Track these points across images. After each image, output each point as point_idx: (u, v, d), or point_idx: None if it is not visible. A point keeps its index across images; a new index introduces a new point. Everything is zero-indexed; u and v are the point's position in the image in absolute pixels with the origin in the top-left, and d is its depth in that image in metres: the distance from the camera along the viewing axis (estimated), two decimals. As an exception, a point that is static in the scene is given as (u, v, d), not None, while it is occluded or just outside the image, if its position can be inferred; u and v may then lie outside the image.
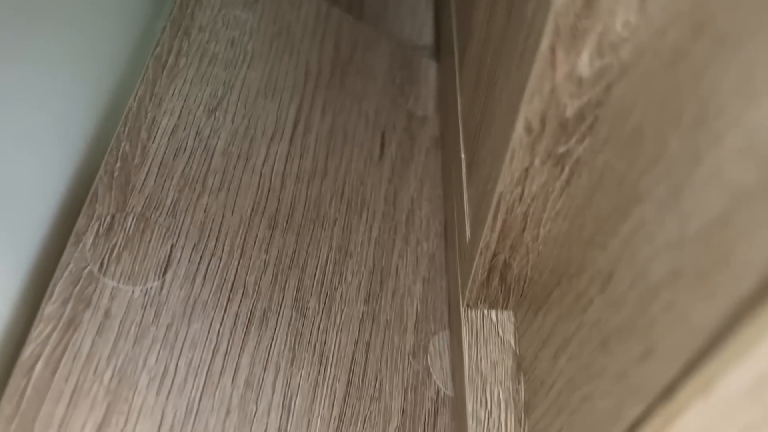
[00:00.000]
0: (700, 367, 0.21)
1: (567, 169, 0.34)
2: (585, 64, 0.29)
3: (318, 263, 0.48)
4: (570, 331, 0.34)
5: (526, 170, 0.35)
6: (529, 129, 0.32)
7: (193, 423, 0.37)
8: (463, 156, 0.49)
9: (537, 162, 0.34)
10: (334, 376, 0.44)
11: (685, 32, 0.24)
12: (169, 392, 0.37)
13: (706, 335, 0.21)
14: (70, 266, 0.38)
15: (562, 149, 0.33)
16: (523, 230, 0.39)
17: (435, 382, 0.46)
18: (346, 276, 0.48)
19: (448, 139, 0.57)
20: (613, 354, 0.28)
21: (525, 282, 0.42)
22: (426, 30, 0.75)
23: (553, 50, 0.29)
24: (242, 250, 0.45)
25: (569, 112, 0.31)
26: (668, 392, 0.23)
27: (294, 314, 0.44)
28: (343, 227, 0.51)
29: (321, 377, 0.43)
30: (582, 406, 0.31)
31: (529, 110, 0.31)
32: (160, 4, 0.55)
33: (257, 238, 0.46)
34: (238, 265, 0.44)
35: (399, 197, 0.56)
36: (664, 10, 0.26)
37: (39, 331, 0.35)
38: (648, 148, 0.26)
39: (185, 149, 0.46)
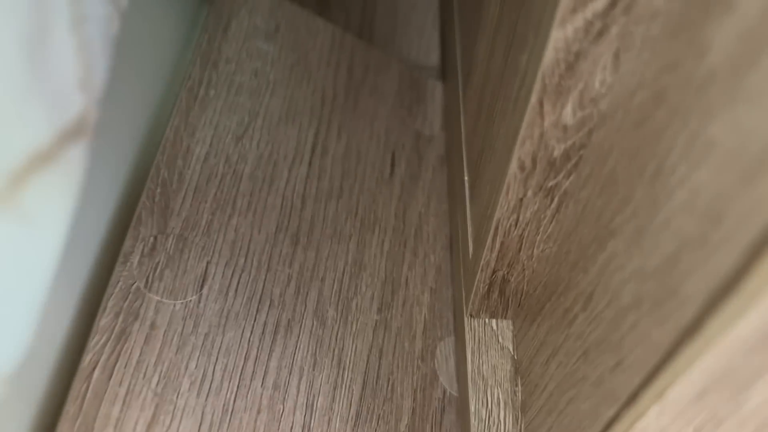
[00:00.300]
0: (657, 377, 0.26)
1: (556, 200, 0.39)
2: (569, 115, 0.34)
3: (336, 276, 0.53)
4: (559, 342, 0.39)
5: (521, 200, 0.40)
6: (522, 167, 0.37)
7: (229, 421, 0.43)
8: (466, 178, 0.54)
9: (530, 193, 0.39)
10: (351, 378, 0.49)
11: (649, 99, 0.28)
12: (207, 394, 0.43)
13: (661, 351, 0.26)
14: (120, 283, 0.43)
15: (551, 183, 0.38)
16: (519, 250, 0.43)
17: (441, 384, 0.51)
18: (360, 287, 0.53)
19: (452, 159, 0.62)
20: (592, 363, 0.33)
21: (522, 295, 0.47)
22: (432, 50, 0.79)
23: (541, 103, 0.34)
24: (268, 265, 0.50)
25: (556, 153, 0.36)
26: (633, 398, 0.28)
27: (315, 323, 0.50)
28: (358, 242, 0.56)
29: (339, 380, 0.48)
30: (568, 407, 0.36)
31: (521, 152, 0.36)
32: (190, 36, 0.60)
33: (281, 254, 0.51)
34: (265, 279, 0.49)
35: (408, 213, 0.60)
36: (633, 75, 0.31)
37: (95, 341, 0.41)
38: (620, 191, 0.31)
39: (217, 174, 0.51)
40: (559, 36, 0.31)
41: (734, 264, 0.21)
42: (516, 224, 0.41)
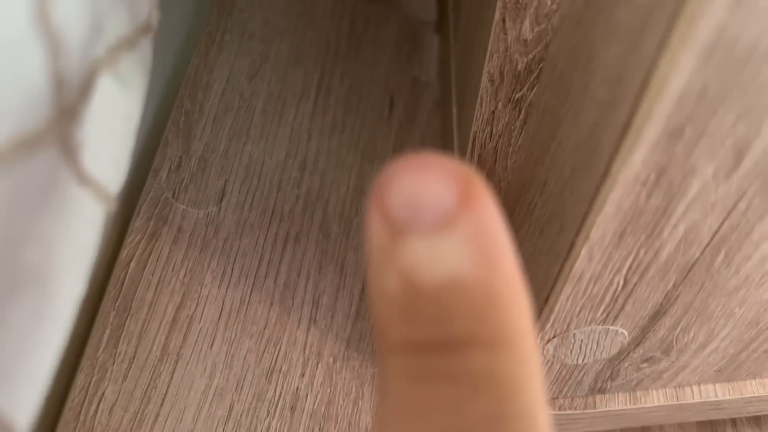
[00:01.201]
0: (583, 224, 0.33)
1: (523, 111, 0.46)
2: (527, 29, 0.40)
3: (338, 198, 0.60)
4: (522, 233, 0.45)
5: (493, 113, 0.46)
6: (491, 80, 0.44)
7: (246, 310, 0.50)
8: (454, 110, 0.60)
9: (500, 106, 0.46)
10: (352, 283, 0.56)
11: (582, 2, 0.35)
12: (227, 287, 0.50)
13: (587, 201, 0.32)
14: (151, 193, 0.50)
15: (518, 95, 0.45)
16: (495, 162, 0.50)
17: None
18: (361, 209, 0.60)
19: (445, 100, 0.68)
20: (545, 237, 0.40)
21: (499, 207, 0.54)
22: (430, 6, 0.86)
23: (503, 20, 0.40)
24: (279, 185, 0.57)
25: (520, 66, 0.43)
26: (569, 249, 0.34)
27: (320, 236, 0.56)
28: (359, 171, 0.63)
29: (342, 283, 0.55)
30: (531, 282, 0.43)
31: (490, 66, 0.43)
32: (207, -9, 0.66)
33: (291, 178, 0.58)
34: (276, 197, 0.56)
35: (405, 148, 0.67)
36: (574, -10, 0.37)
37: (131, 239, 0.48)
38: (564, 87, 0.37)
39: (232, 107, 0.58)
40: (513, -42, 0.37)
41: (629, 109, 0.27)
42: (490, 136, 0.48)
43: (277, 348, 0.49)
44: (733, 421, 0.54)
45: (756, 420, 0.53)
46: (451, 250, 0.15)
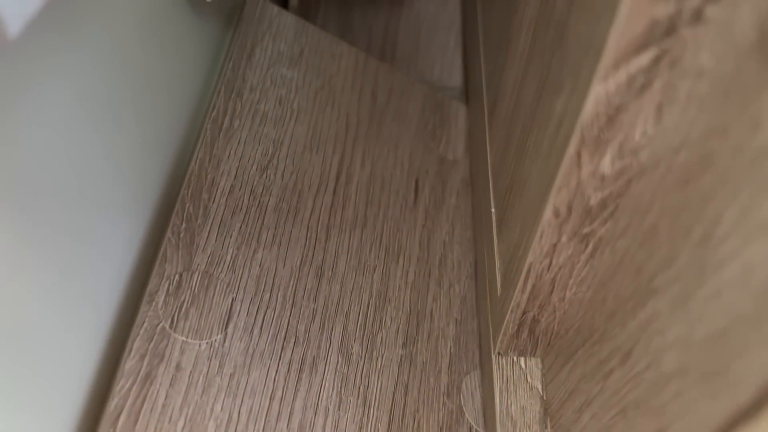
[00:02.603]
0: (705, 454, 0.25)
1: (591, 245, 0.38)
2: (607, 165, 0.33)
3: (360, 309, 0.52)
4: (593, 392, 0.38)
5: (554, 245, 0.39)
6: (557, 214, 0.36)
7: (255, 464, 0.42)
8: (493, 210, 0.53)
9: (564, 239, 0.38)
10: (377, 417, 0.48)
11: (695, 159, 0.27)
12: (233, 437, 0.42)
13: (713, 427, 0.25)
14: (145, 324, 0.43)
15: (586, 230, 0.37)
16: (551, 293, 0.43)
17: (467, 421, 0.50)
18: (385, 321, 0.53)
19: (477, 186, 0.61)
20: (630, 423, 0.32)
21: (552, 335, 0.46)
22: (455, 70, 0.79)
23: (579, 154, 0.33)
24: (293, 300, 0.49)
25: (593, 201, 0.35)
26: (678, 470, 0.27)
27: (340, 359, 0.49)
28: (382, 273, 0.55)
29: (365, 419, 0.47)
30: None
31: (557, 199, 0.35)
32: (215, 64, 0.59)
33: (306, 288, 0.50)
34: (290, 315, 0.49)
35: (432, 241, 0.60)
36: (677, 130, 0.29)
37: (121, 385, 0.40)
38: (663, 248, 0.30)
39: (242, 207, 0.51)
40: (600, 91, 0.30)
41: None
42: (549, 268, 0.40)
43: None
44: None
45: None
46: None
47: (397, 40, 0.81)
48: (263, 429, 0.43)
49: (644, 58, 0.28)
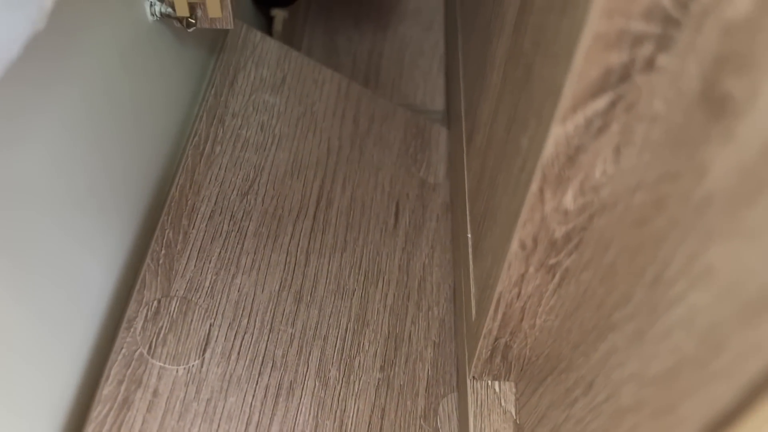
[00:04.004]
0: (656, 488, 0.26)
1: (557, 276, 0.39)
2: (570, 201, 0.34)
3: (338, 333, 0.53)
4: (560, 420, 0.38)
5: (522, 275, 0.40)
6: (523, 246, 0.37)
7: (230, 489, 0.43)
8: (469, 236, 0.54)
9: (531, 270, 0.39)
10: (353, 440, 0.49)
11: (649, 202, 0.28)
12: (209, 462, 0.43)
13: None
14: (123, 350, 0.44)
15: (552, 261, 0.38)
16: (521, 320, 0.43)
17: (444, 443, 0.51)
18: (363, 344, 0.54)
19: (456, 211, 0.62)
20: (592, 454, 0.33)
21: (524, 360, 0.47)
22: (438, 95, 0.80)
23: (541, 190, 0.34)
24: (271, 325, 0.50)
25: (557, 234, 0.36)
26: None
27: (317, 384, 0.50)
28: (361, 297, 0.56)
29: (341, 442, 0.48)
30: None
31: (522, 233, 0.36)
32: (198, 90, 0.60)
33: (284, 313, 0.51)
34: (267, 340, 0.49)
35: (412, 264, 0.61)
36: (634, 172, 0.31)
37: (98, 411, 0.41)
38: (620, 285, 0.31)
39: (221, 233, 0.52)
40: (560, 132, 0.31)
41: (733, 399, 0.21)
42: (518, 297, 0.41)
43: None
44: None
45: None
46: None
47: (381, 64, 0.82)
48: (239, 454, 0.44)
49: (600, 103, 0.30)
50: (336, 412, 0.49)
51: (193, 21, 0.50)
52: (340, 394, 0.50)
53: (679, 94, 0.27)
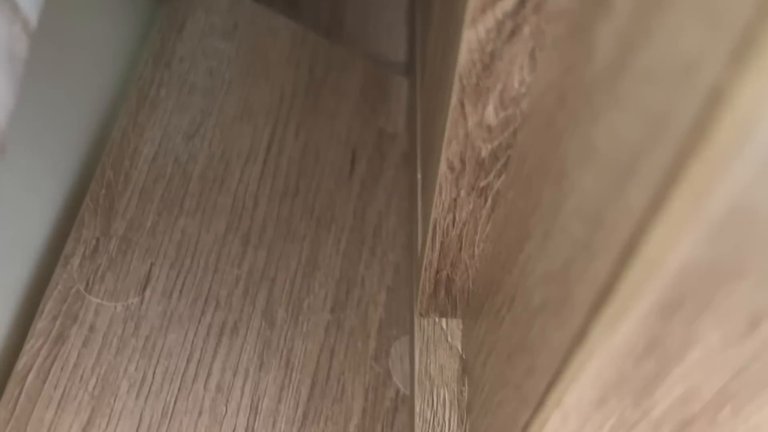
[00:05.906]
0: (556, 383, 0.26)
1: (490, 199, 0.39)
2: (491, 115, 0.34)
3: (287, 276, 0.53)
4: (492, 343, 0.38)
5: (455, 200, 0.39)
6: (451, 167, 0.37)
7: (168, 424, 0.42)
8: (419, 176, 0.54)
9: (463, 193, 0.39)
10: (299, 379, 0.48)
11: (554, 100, 0.28)
12: (147, 397, 0.43)
13: (559, 357, 0.26)
14: (59, 286, 0.43)
15: (482, 183, 0.38)
16: (460, 250, 0.43)
17: (395, 383, 0.51)
18: (313, 287, 0.53)
19: (413, 157, 0.62)
20: (513, 367, 0.33)
21: (468, 294, 0.47)
22: (401, 47, 0.79)
23: (462, 103, 0.33)
24: (216, 266, 0.50)
25: (484, 153, 0.36)
26: (540, 403, 0.28)
27: (263, 324, 0.49)
28: (312, 242, 0.56)
29: (287, 380, 0.48)
30: (498, 410, 0.36)
31: (449, 152, 0.36)
32: (144, 37, 0.59)
33: (230, 255, 0.51)
34: (211, 281, 0.49)
35: (367, 211, 0.60)
36: (545, 74, 0.30)
37: (31, 345, 0.41)
38: (533, 193, 0.30)
39: (165, 175, 0.51)
40: (471, 36, 0.30)
41: (609, 270, 0.21)
42: (453, 224, 0.41)
43: (206, 467, 0.42)
44: None
45: None
46: None
47: (345, 17, 0.81)
48: (179, 389, 0.44)
49: (508, 2, 0.29)
50: (283, 351, 0.49)
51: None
52: (287, 334, 0.50)
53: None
